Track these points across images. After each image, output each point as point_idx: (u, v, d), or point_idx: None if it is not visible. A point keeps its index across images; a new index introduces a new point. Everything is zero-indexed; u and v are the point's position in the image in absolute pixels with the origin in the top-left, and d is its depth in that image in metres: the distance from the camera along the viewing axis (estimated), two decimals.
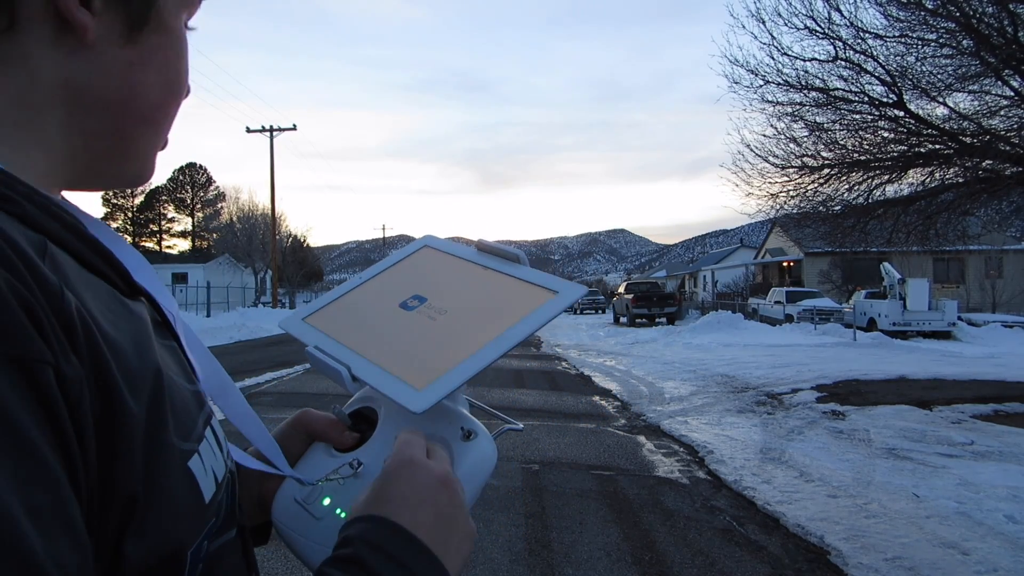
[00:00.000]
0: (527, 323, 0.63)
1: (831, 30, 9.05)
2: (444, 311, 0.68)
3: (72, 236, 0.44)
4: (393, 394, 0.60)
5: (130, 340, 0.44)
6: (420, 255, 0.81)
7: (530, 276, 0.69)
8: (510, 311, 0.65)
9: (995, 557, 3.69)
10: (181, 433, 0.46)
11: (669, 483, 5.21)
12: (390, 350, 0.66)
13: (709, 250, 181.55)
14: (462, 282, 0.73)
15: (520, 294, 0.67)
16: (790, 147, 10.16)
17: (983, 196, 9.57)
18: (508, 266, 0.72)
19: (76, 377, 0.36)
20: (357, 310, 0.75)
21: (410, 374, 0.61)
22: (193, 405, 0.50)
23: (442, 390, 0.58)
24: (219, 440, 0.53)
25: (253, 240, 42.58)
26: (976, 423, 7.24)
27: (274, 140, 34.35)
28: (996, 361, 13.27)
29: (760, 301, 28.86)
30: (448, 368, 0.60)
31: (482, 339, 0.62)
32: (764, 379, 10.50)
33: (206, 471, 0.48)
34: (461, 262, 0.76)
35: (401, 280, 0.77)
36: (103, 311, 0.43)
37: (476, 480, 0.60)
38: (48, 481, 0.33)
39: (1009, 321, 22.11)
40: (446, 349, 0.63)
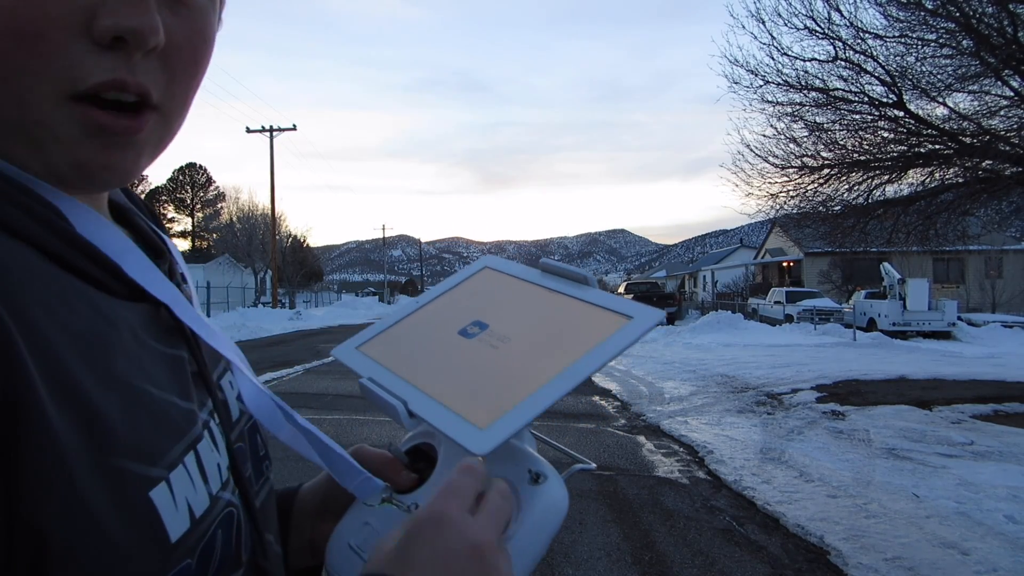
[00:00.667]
0: (600, 352, 0.57)
1: (831, 30, 9.06)
2: (507, 339, 0.62)
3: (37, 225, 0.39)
4: (453, 433, 0.54)
5: (81, 344, 0.38)
6: (479, 277, 0.76)
7: (600, 299, 0.64)
8: (580, 339, 0.59)
9: (995, 557, 3.69)
10: (142, 456, 0.39)
11: (669, 483, 5.21)
12: (449, 383, 0.60)
13: (709, 250, 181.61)
14: (525, 307, 0.67)
15: (590, 320, 0.61)
16: (790, 147, 10.17)
17: (983, 196, 9.57)
18: (575, 288, 0.66)
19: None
20: (413, 338, 0.69)
21: (472, 410, 0.56)
22: (174, 425, 0.43)
23: (508, 429, 0.52)
24: (204, 468, 0.45)
25: (253, 240, 42.58)
26: (976, 423, 7.24)
27: (274, 140, 34.36)
28: (996, 361, 13.27)
29: (760, 301, 28.86)
30: (514, 404, 0.54)
31: (550, 371, 0.56)
32: (764, 379, 10.50)
33: (176, 504, 0.40)
34: (523, 284, 0.71)
35: (460, 304, 0.71)
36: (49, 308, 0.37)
37: (546, 531, 0.54)
38: None
39: (1009, 321, 22.11)
40: (511, 382, 0.57)
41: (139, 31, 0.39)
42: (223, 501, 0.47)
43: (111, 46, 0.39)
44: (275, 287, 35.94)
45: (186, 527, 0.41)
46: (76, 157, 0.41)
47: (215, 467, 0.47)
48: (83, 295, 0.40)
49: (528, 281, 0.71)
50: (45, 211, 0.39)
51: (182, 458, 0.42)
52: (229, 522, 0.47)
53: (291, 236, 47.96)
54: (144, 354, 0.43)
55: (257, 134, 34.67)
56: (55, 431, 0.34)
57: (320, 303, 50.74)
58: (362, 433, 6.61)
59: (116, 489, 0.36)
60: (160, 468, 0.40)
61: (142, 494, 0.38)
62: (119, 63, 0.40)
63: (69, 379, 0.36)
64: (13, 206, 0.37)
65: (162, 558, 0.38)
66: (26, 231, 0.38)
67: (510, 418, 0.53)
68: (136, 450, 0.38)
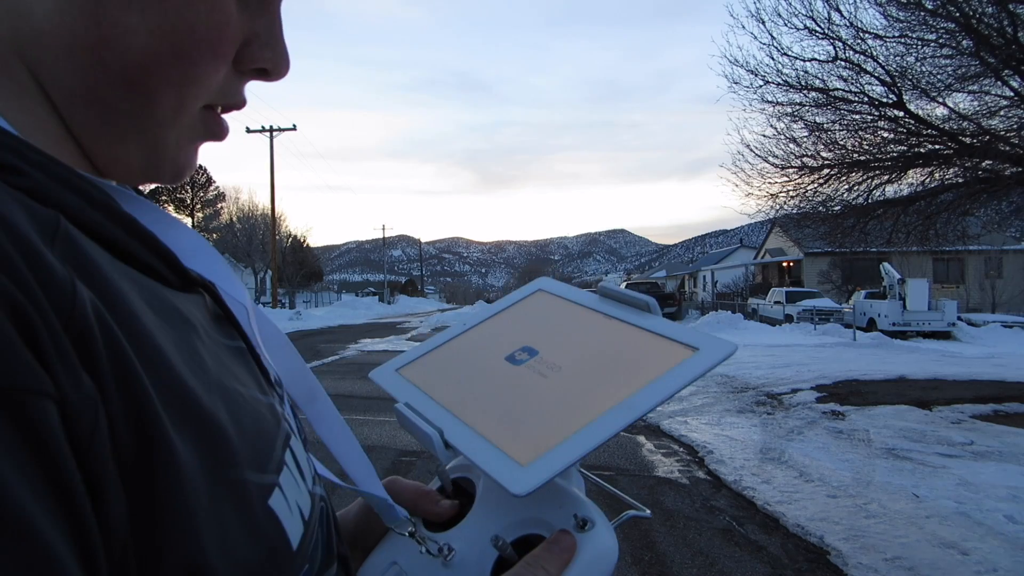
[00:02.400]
0: (660, 387, 0.51)
1: (831, 30, 9.06)
2: (558, 368, 0.57)
3: (101, 215, 0.34)
4: (491, 469, 0.49)
5: (177, 349, 0.34)
6: (533, 300, 0.71)
7: (663, 328, 0.58)
8: (638, 371, 0.54)
9: (995, 557, 3.69)
10: (256, 463, 0.36)
11: (669, 483, 5.21)
12: (491, 413, 0.55)
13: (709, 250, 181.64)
14: (580, 333, 0.62)
15: (651, 350, 0.56)
16: (790, 147, 10.17)
17: (983, 196, 9.57)
18: (635, 315, 0.61)
19: (88, 404, 0.26)
20: (457, 362, 0.64)
21: (513, 445, 0.50)
22: (270, 423, 0.40)
23: (551, 467, 0.47)
24: (299, 464, 0.42)
25: (253, 240, 42.59)
26: (976, 423, 7.24)
27: (274, 140, 34.37)
28: (996, 361, 13.27)
29: (760, 301, 28.86)
30: (560, 439, 0.49)
31: (603, 404, 0.51)
32: (764, 379, 10.50)
33: (291, 509, 0.38)
34: (579, 309, 0.66)
35: (510, 328, 0.66)
36: (144, 312, 0.33)
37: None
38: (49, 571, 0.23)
39: (1009, 321, 22.12)
40: (559, 415, 0.52)
41: (283, 67, 0.44)
42: (317, 496, 0.44)
43: (248, 73, 0.43)
44: (275, 287, 35.94)
45: (301, 531, 0.38)
46: (181, 157, 0.43)
47: (305, 461, 0.45)
48: (157, 292, 0.37)
49: (584, 306, 0.66)
50: (102, 196, 0.35)
51: (283, 458, 0.40)
52: (324, 518, 0.45)
53: (291, 236, 48.00)
54: (220, 351, 0.40)
55: (257, 134, 34.68)
56: (177, 450, 0.30)
57: (320, 303, 50.75)
58: (362, 433, 6.61)
59: (241, 504, 0.34)
60: (271, 474, 0.37)
61: (263, 505, 0.35)
62: (243, 87, 0.44)
63: (179, 390, 0.32)
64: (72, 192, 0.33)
65: (290, 568, 0.36)
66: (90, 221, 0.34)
67: (555, 456, 0.48)
68: (249, 458, 0.35)
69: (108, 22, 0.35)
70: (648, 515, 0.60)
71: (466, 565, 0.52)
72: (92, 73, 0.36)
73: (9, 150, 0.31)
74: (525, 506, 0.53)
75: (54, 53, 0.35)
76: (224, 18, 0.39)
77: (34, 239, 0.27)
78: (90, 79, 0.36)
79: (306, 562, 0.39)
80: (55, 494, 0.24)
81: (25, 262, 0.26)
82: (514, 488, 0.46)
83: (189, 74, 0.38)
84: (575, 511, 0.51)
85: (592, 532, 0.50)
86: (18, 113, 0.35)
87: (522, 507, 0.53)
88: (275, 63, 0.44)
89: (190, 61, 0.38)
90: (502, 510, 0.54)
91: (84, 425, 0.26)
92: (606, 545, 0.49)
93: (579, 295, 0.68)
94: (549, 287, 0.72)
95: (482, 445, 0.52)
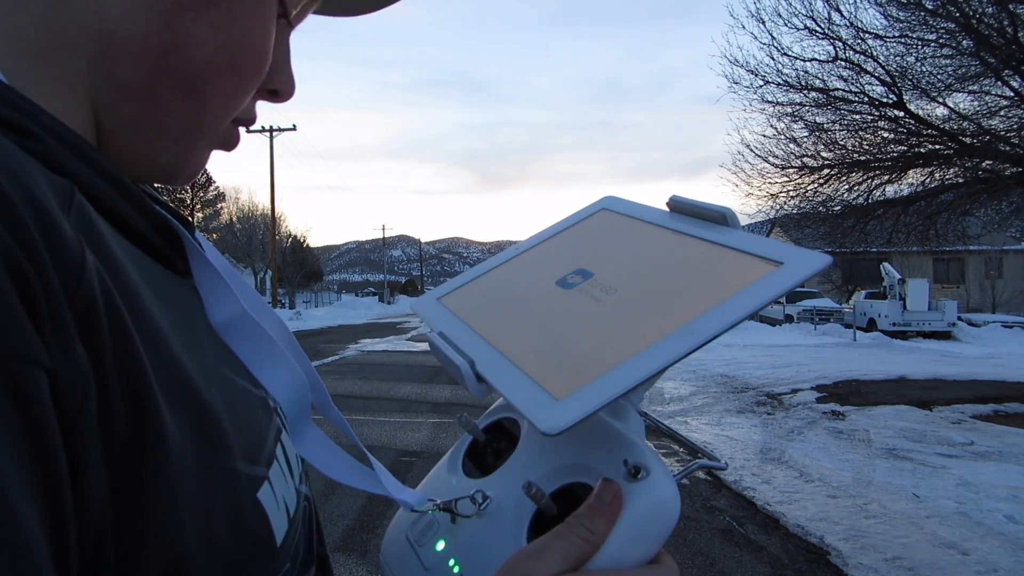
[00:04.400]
0: (731, 307, 0.43)
1: (831, 30, 9.07)
2: (613, 290, 0.50)
3: (111, 188, 0.34)
4: (521, 403, 0.42)
5: (176, 332, 0.34)
6: (595, 220, 0.63)
7: (743, 243, 0.50)
8: (707, 290, 0.46)
9: (995, 557, 3.69)
10: (248, 454, 0.35)
11: None
12: (532, 341, 0.48)
13: None
14: (644, 253, 0.54)
15: (725, 267, 0.48)
16: (790, 147, 10.19)
17: (983, 196, 9.58)
18: (710, 230, 0.53)
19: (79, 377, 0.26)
20: (503, 289, 0.58)
21: (551, 376, 0.43)
22: (263, 416, 0.40)
23: (590, 403, 0.40)
24: (289, 461, 0.42)
25: (253, 240, 42.60)
26: (976, 423, 7.24)
27: (274, 140, 34.39)
28: (996, 361, 13.27)
29: None
30: (604, 369, 0.42)
31: (660, 329, 0.43)
32: (764, 379, 10.50)
33: (278, 504, 0.37)
34: (647, 227, 0.58)
35: (565, 251, 0.59)
36: (144, 291, 0.33)
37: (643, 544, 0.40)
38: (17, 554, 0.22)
39: (1009, 321, 22.14)
40: (607, 342, 0.45)
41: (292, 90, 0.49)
42: (302, 495, 0.44)
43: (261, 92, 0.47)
44: (275, 287, 35.95)
45: (286, 527, 0.38)
46: (201, 162, 0.46)
47: (295, 458, 0.44)
48: (159, 273, 0.37)
49: (653, 224, 0.58)
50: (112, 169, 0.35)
51: (275, 453, 0.39)
52: (306, 517, 0.44)
53: (291, 236, 48.03)
54: (216, 338, 0.40)
55: (257, 134, 34.67)
56: (169, 433, 0.30)
57: (320, 303, 50.77)
58: (362, 433, 6.60)
59: (230, 494, 0.33)
60: (261, 466, 0.36)
61: (251, 497, 0.35)
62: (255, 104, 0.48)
63: (176, 371, 0.32)
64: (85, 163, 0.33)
65: (272, 565, 0.35)
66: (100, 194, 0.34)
67: (595, 389, 0.41)
68: (242, 448, 0.35)
69: (182, 31, 0.38)
70: (724, 466, 0.53)
71: (502, 516, 0.47)
72: (155, 74, 0.39)
73: (26, 115, 0.31)
74: (570, 450, 0.46)
75: (121, 52, 0.37)
76: (270, 44, 0.43)
77: (52, 207, 0.27)
78: (151, 79, 0.39)
79: (287, 560, 0.38)
80: (34, 466, 0.24)
81: (39, 229, 0.26)
82: (543, 425, 0.39)
83: (238, 88, 0.42)
84: (626, 457, 0.43)
85: (646, 482, 0.41)
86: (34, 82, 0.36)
87: (566, 451, 0.46)
88: (286, 85, 0.48)
89: (241, 77, 0.42)
90: (546, 455, 0.48)
91: (72, 398, 0.26)
92: (661, 497, 0.41)
93: (646, 212, 0.60)
94: (614, 205, 0.64)
95: (516, 377, 0.45)
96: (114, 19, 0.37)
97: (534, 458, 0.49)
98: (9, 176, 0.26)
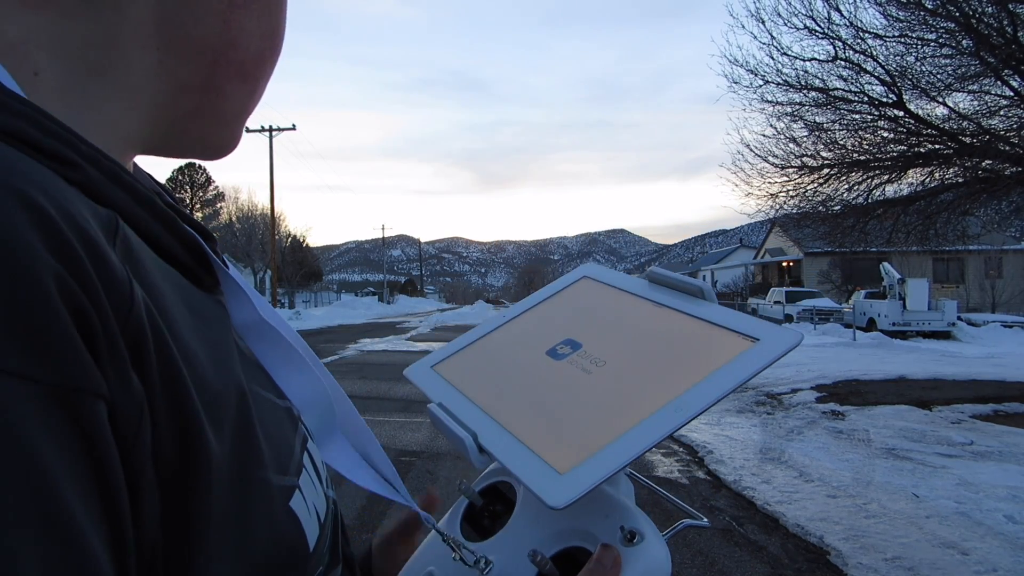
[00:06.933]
0: (716, 382, 0.46)
1: (831, 30, 9.06)
2: (602, 362, 0.52)
3: (146, 212, 0.35)
4: (527, 478, 0.44)
5: (211, 350, 0.34)
6: (577, 288, 0.66)
7: (720, 317, 0.53)
8: (691, 365, 0.48)
9: (995, 557, 3.69)
10: (279, 466, 0.36)
11: (669, 483, 5.21)
12: (530, 413, 0.50)
13: (708, 250, 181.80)
14: (628, 323, 0.56)
15: (706, 342, 0.51)
16: (790, 147, 10.18)
17: (983, 196, 9.58)
18: (688, 303, 0.56)
19: (135, 406, 0.27)
20: (496, 357, 0.59)
21: (552, 450, 0.45)
22: (288, 427, 0.41)
23: (592, 477, 0.42)
24: (317, 467, 0.43)
25: (252, 240, 42.59)
26: (976, 423, 7.24)
27: (273, 140, 34.37)
28: (996, 361, 13.27)
29: (760, 301, 28.87)
30: (602, 445, 0.44)
31: (651, 404, 0.46)
32: (764, 379, 10.50)
33: (309, 511, 0.38)
34: (627, 297, 0.60)
35: (552, 320, 0.61)
36: (182, 313, 0.33)
37: None
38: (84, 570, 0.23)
39: (1009, 321, 22.13)
40: (602, 416, 0.47)
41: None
42: (331, 499, 0.44)
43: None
44: (275, 287, 35.94)
45: (317, 533, 0.39)
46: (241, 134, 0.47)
47: (322, 465, 0.45)
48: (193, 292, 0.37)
49: (633, 294, 0.61)
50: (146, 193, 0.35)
51: (302, 461, 0.40)
52: (334, 520, 0.45)
53: (290, 236, 48.00)
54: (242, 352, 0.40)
55: (256, 134, 34.67)
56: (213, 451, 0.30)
57: (319, 303, 50.77)
58: None
59: (266, 505, 0.34)
60: (292, 476, 0.37)
61: (284, 506, 0.36)
62: None
63: (216, 391, 0.32)
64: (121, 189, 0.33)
65: (305, 569, 0.37)
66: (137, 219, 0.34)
67: (596, 463, 0.43)
68: (273, 460, 0.36)
69: (237, 27, 0.40)
70: (706, 524, 0.55)
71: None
72: (214, 69, 0.40)
73: (65, 143, 0.31)
74: (568, 516, 0.48)
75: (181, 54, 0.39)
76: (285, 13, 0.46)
77: (101, 241, 0.28)
78: (211, 73, 0.40)
79: (320, 564, 0.39)
80: (100, 496, 0.24)
81: (92, 264, 0.26)
82: (551, 500, 0.42)
83: (272, 69, 0.45)
84: (622, 523, 0.46)
85: (641, 546, 0.45)
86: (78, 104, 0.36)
87: (565, 517, 0.48)
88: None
89: (277, 57, 0.45)
90: (544, 520, 0.50)
91: (129, 427, 0.26)
92: (656, 560, 0.44)
93: (627, 282, 0.63)
94: (594, 273, 0.67)
95: (519, 450, 0.47)
96: (175, 26, 0.38)
97: (532, 523, 0.50)
98: (59, 211, 0.26)
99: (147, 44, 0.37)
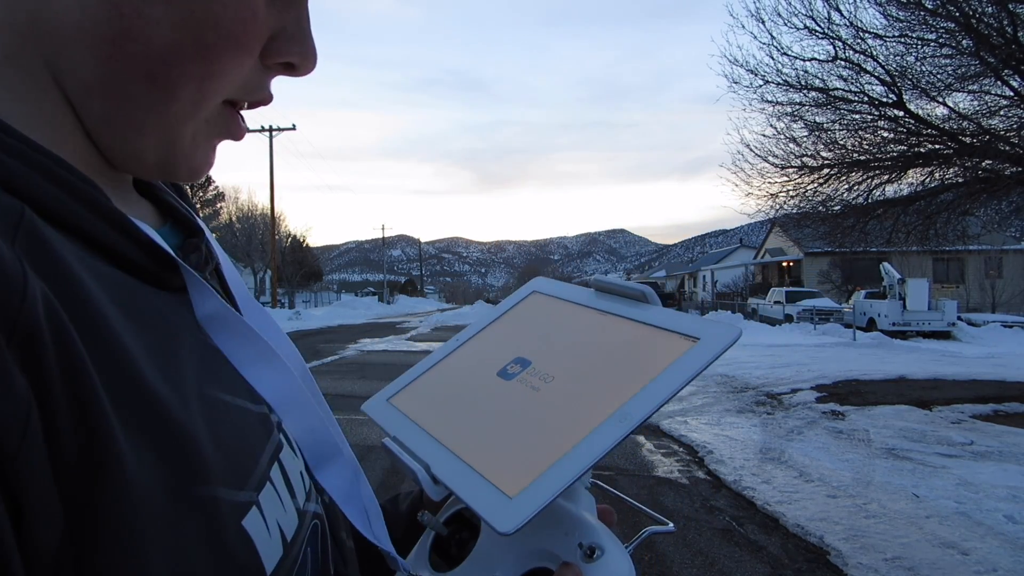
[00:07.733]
0: (657, 388, 0.46)
1: (831, 30, 9.06)
2: (550, 377, 0.52)
3: (83, 208, 0.33)
4: (477, 505, 0.44)
5: (147, 352, 0.32)
6: (527, 304, 0.65)
7: (661, 320, 0.53)
8: (635, 371, 0.49)
9: (995, 557, 3.69)
10: (233, 479, 0.34)
11: (669, 483, 5.21)
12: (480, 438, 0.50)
13: (708, 250, 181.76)
14: (575, 335, 0.57)
15: (649, 345, 0.51)
16: (790, 147, 10.18)
17: (983, 196, 9.57)
18: (632, 308, 0.56)
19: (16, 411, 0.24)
20: (448, 384, 0.59)
21: (501, 473, 0.45)
22: (256, 435, 0.38)
23: (540, 498, 0.42)
24: (289, 480, 0.40)
25: (252, 240, 42.59)
26: (976, 423, 7.24)
27: (273, 140, 34.38)
28: (996, 361, 13.27)
29: (760, 301, 28.86)
30: (548, 464, 0.44)
31: (594, 418, 0.46)
32: (764, 379, 10.50)
33: (269, 530, 0.36)
34: (575, 308, 0.60)
35: (504, 339, 0.61)
36: (112, 312, 0.31)
37: None
38: None
39: (1009, 321, 22.12)
40: (549, 435, 0.46)
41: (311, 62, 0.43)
42: (309, 514, 0.42)
43: (274, 67, 0.42)
44: (275, 287, 35.94)
45: (280, 554, 0.36)
46: (198, 155, 0.41)
47: (298, 476, 0.42)
48: (137, 291, 0.35)
49: (579, 304, 0.60)
50: (87, 189, 0.33)
51: (268, 473, 0.37)
52: (316, 537, 0.42)
53: (290, 236, 47.99)
54: (207, 355, 0.38)
55: (256, 134, 34.67)
56: (128, 462, 0.28)
57: (319, 303, 50.75)
58: (362, 433, 6.61)
59: (207, 524, 0.31)
60: (249, 491, 0.35)
61: (236, 525, 0.33)
62: (270, 81, 0.42)
63: (144, 395, 0.30)
64: (51, 183, 0.32)
65: None
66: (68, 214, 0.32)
67: (544, 483, 0.42)
68: (225, 474, 0.33)
69: (132, 14, 0.34)
70: (671, 529, 0.55)
71: None
72: (112, 65, 0.35)
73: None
74: (529, 537, 0.48)
75: (72, 45, 0.35)
76: (250, 12, 0.37)
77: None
78: (109, 71, 0.35)
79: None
80: None
81: None
82: (500, 526, 0.41)
83: (211, 68, 0.37)
84: (580, 539, 0.46)
85: (601, 561, 0.44)
86: (21, 104, 0.34)
87: (527, 538, 0.48)
88: (302, 57, 0.42)
89: (213, 55, 0.37)
90: (506, 543, 0.50)
91: (10, 437, 0.24)
92: (618, 573, 0.44)
93: (573, 292, 0.63)
94: (543, 287, 0.67)
95: (469, 477, 0.46)
96: (59, 10, 0.34)
97: (495, 547, 0.50)
98: None
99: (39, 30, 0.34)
